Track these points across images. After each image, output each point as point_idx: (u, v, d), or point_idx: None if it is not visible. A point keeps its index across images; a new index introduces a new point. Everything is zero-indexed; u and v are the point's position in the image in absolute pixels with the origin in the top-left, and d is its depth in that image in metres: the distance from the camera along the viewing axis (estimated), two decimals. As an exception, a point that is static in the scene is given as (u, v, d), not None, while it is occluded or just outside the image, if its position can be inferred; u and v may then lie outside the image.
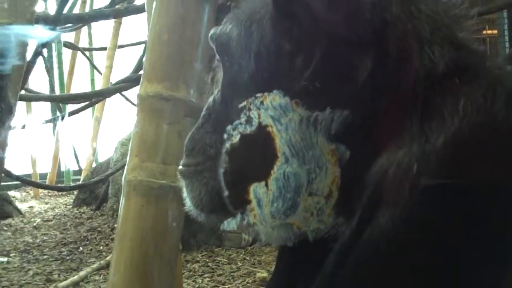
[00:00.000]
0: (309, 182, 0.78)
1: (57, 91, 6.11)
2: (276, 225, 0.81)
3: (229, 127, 0.79)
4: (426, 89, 0.79)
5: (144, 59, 1.82)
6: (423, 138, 0.77)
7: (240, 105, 0.80)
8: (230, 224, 0.85)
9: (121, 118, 6.33)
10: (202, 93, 1.84)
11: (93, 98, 5.28)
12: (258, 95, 0.79)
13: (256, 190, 0.80)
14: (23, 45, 0.96)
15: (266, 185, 0.79)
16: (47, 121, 5.88)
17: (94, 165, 6.57)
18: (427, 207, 0.74)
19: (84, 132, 6.64)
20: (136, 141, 1.78)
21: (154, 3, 1.81)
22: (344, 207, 0.80)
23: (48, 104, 6.47)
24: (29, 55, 3.17)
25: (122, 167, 5.01)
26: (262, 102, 0.78)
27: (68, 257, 4.58)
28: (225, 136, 0.80)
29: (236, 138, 0.77)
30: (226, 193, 0.84)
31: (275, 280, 1.05)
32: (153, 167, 1.74)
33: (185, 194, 0.97)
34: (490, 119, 0.77)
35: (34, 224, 5.47)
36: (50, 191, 6.45)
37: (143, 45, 5.61)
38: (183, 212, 1.81)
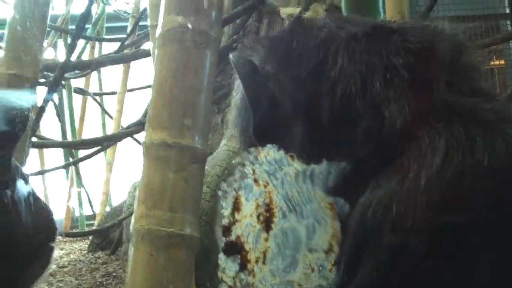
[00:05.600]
0: (308, 237, 0.76)
1: (69, 137, 6.14)
2: (276, 283, 0.79)
3: (223, 184, 0.78)
4: (409, 132, 0.80)
5: (148, 108, 1.82)
6: (401, 179, 0.77)
7: (234, 161, 0.79)
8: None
9: (133, 162, 6.34)
10: (207, 139, 1.84)
11: (105, 143, 5.31)
12: (252, 149, 0.78)
13: (254, 248, 0.78)
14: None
15: (264, 242, 0.78)
16: (59, 167, 5.89)
17: (108, 209, 6.56)
18: (403, 251, 0.74)
19: (96, 177, 6.64)
20: (142, 189, 1.78)
21: (156, 51, 1.82)
22: None
23: (60, 150, 6.49)
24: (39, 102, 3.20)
25: (135, 210, 5.01)
26: (256, 157, 0.77)
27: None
28: (220, 193, 0.79)
29: (230, 195, 0.75)
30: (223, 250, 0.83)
31: None
32: (160, 215, 1.73)
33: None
34: (469, 159, 0.77)
35: (50, 270, 5.44)
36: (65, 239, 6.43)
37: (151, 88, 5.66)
38: (193, 259, 1.81)
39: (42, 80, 4.11)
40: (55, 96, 6.12)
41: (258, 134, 0.89)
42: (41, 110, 3.88)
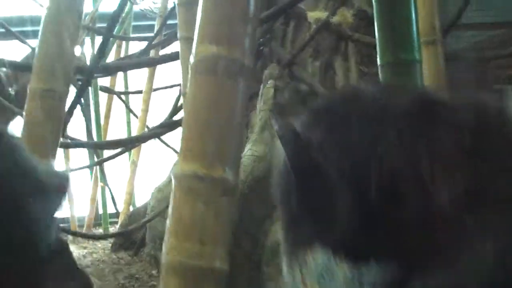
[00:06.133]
0: None
1: (94, 135, 6.16)
2: None
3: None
4: (458, 215, 0.78)
5: (180, 137, 1.80)
6: (451, 274, 0.75)
7: (282, 262, 0.77)
8: None
9: (157, 161, 6.36)
10: (238, 170, 1.82)
11: (130, 144, 5.33)
12: (299, 251, 0.77)
13: None
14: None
15: None
16: (84, 167, 5.93)
17: (131, 208, 6.58)
18: None
19: (121, 175, 6.66)
20: (172, 220, 1.77)
21: (188, 84, 1.80)
22: None
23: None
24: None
25: (159, 213, 5.04)
26: (304, 260, 0.75)
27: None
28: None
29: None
30: None
31: None
32: (190, 248, 1.71)
33: None
34: None
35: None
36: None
37: (178, 88, 5.69)
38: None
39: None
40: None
41: (300, 203, 0.87)
42: (69, 113, 3.91)
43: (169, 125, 5.24)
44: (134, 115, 6.47)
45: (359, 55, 5.10)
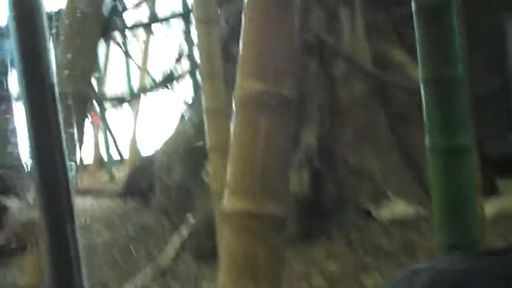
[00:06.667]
0: None
1: (95, 85, 6.09)
2: None
3: None
4: None
5: (228, 172, 1.79)
6: None
7: None
8: None
9: (159, 108, 6.33)
10: (287, 206, 1.83)
11: (132, 99, 5.33)
12: None
13: None
14: None
15: None
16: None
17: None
18: None
19: (124, 123, 6.64)
20: (225, 258, 1.78)
21: (233, 118, 1.77)
22: None
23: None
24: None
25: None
26: None
27: (120, 260, 4.61)
28: None
29: None
30: None
31: None
32: (244, 286, 1.74)
33: None
34: None
35: (83, 222, 5.50)
36: (94, 182, 6.48)
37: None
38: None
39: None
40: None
41: None
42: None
43: (171, 78, 5.23)
44: (135, 63, 6.38)
45: (364, 3, 5.02)
